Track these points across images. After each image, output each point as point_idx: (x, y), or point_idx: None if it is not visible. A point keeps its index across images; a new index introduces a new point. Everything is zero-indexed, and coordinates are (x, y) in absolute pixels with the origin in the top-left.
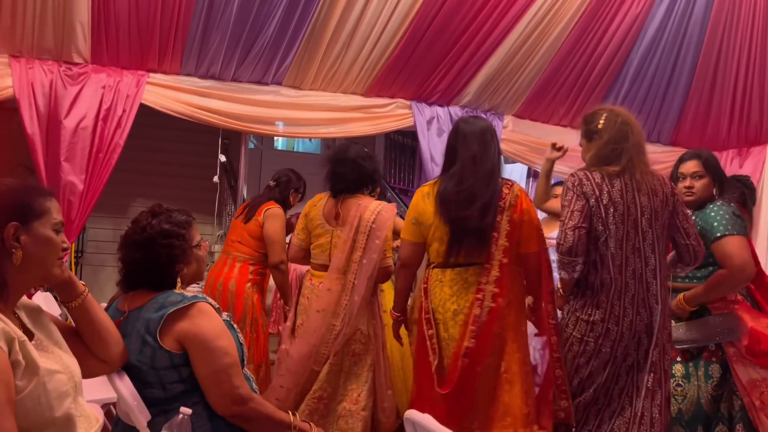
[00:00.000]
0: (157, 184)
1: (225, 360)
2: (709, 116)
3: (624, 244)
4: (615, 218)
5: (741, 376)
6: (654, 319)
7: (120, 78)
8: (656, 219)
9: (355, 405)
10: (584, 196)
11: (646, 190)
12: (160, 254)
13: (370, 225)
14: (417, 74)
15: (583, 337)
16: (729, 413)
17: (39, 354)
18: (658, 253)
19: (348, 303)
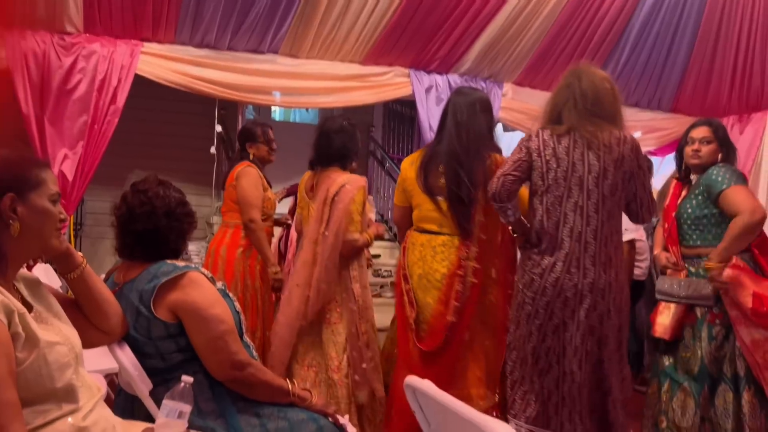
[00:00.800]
0: (155, 155)
1: (221, 328)
2: (710, 82)
3: (564, 201)
4: (557, 174)
5: (744, 337)
6: (587, 280)
7: (114, 48)
8: (605, 178)
9: (337, 373)
10: (527, 150)
11: (597, 147)
12: (183, 222)
13: (333, 198)
14: (415, 41)
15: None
16: (734, 375)
17: (39, 326)
18: (602, 212)
19: (317, 275)
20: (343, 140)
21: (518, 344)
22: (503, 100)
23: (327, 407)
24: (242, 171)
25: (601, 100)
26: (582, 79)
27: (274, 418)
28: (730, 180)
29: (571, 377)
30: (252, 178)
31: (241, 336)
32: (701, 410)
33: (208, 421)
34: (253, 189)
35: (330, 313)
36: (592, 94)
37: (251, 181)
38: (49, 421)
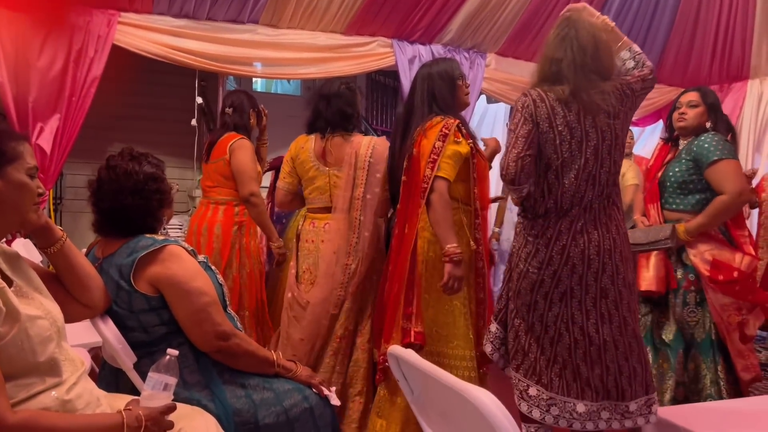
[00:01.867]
0: (135, 128)
1: (202, 300)
2: (692, 53)
3: (580, 173)
4: (572, 146)
5: (713, 301)
6: (592, 244)
7: (90, 18)
8: (616, 145)
9: (360, 338)
10: (533, 121)
11: (607, 112)
12: (151, 199)
13: (368, 160)
14: (398, 11)
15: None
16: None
17: (19, 300)
18: (609, 178)
19: (358, 240)
20: (349, 100)
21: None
22: (486, 70)
23: (312, 378)
24: (237, 144)
25: (600, 55)
26: (579, 30)
27: (260, 389)
28: (722, 152)
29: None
30: (248, 150)
31: (225, 308)
32: (676, 375)
33: (194, 393)
34: (251, 162)
35: (368, 280)
36: (592, 48)
37: (249, 154)
38: (33, 394)
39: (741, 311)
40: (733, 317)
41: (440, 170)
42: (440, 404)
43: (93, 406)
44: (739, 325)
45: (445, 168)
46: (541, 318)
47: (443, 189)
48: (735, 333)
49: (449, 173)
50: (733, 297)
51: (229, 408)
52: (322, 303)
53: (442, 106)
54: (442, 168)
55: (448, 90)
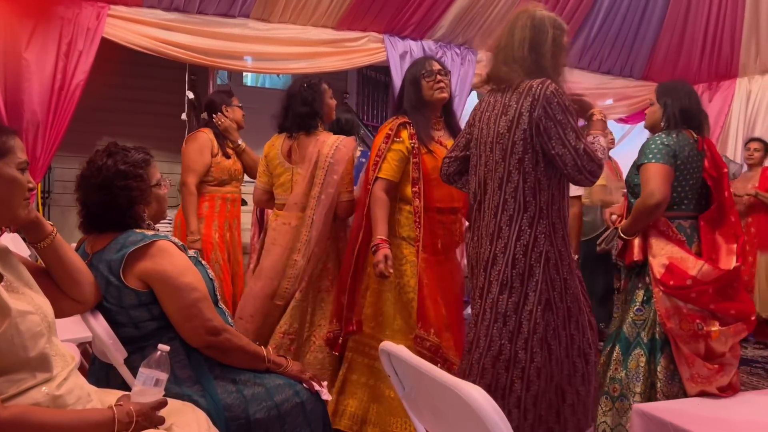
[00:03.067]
0: (124, 121)
1: (193, 295)
2: (681, 51)
3: (477, 170)
4: (472, 143)
5: (659, 304)
6: (479, 250)
7: (79, 10)
8: (498, 142)
9: (320, 339)
10: (469, 123)
11: (497, 109)
12: (118, 196)
13: (329, 160)
14: (389, 7)
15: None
16: (650, 340)
17: (10, 295)
18: (493, 179)
19: (308, 239)
20: (306, 99)
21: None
22: (478, 66)
23: (302, 373)
24: (189, 136)
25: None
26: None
27: (251, 384)
28: (653, 156)
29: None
30: (196, 142)
31: (216, 303)
32: (611, 372)
33: (185, 388)
34: (193, 153)
35: (322, 279)
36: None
37: (193, 145)
38: (23, 390)
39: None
40: (685, 324)
41: (380, 171)
42: (432, 400)
43: (84, 402)
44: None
45: (384, 168)
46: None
47: (377, 189)
48: (689, 342)
49: (389, 173)
50: (691, 303)
51: (220, 403)
52: (264, 296)
53: (407, 107)
54: (383, 169)
55: (413, 91)
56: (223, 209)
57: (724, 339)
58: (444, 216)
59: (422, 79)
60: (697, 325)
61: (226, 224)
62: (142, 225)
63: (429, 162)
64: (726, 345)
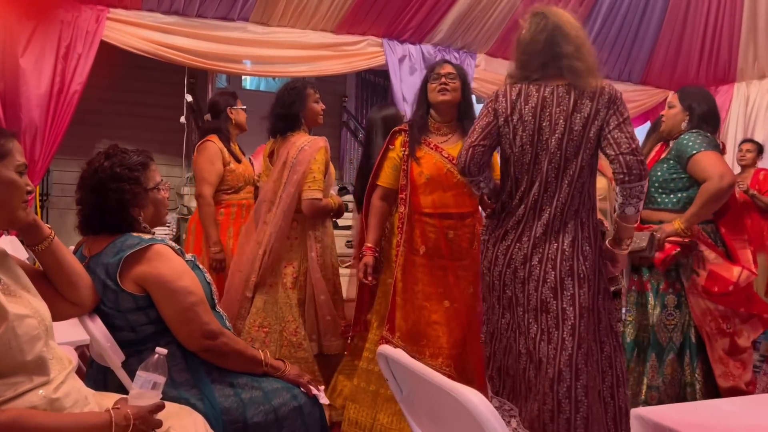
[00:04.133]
0: (123, 124)
1: (189, 299)
2: (679, 56)
3: (531, 168)
4: (523, 139)
5: (694, 307)
6: (537, 250)
7: (78, 14)
8: (570, 139)
9: (295, 336)
10: (494, 113)
11: (566, 105)
12: (109, 198)
13: (292, 160)
14: (388, 11)
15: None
16: (682, 344)
17: (7, 299)
18: (562, 177)
19: (269, 235)
20: (285, 102)
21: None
22: (476, 71)
23: (300, 377)
24: (199, 147)
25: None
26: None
27: (249, 388)
28: (701, 145)
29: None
30: (207, 152)
31: (213, 307)
32: (648, 379)
33: (182, 392)
34: (205, 164)
35: (286, 277)
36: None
37: (205, 156)
38: (20, 393)
39: (729, 320)
40: (716, 324)
41: (378, 178)
42: (429, 403)
43: (81, 405)
44: (730, 335)
45: (381, 176)
46: (497, 325)
47: (374, 196)
48: (719, 340)
49: (385, 180)
50: (726, 306)
51: (217, 407)
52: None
53: (413, 111)
54: (380, 176)
55: (420, 95)
56: (239, 216)
57: (747, 335)
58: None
59: (429, 82)
60: (726, 325)
61: (242, 231)
62: (138, 228)
63: (414, 169)
64: (748, 340)
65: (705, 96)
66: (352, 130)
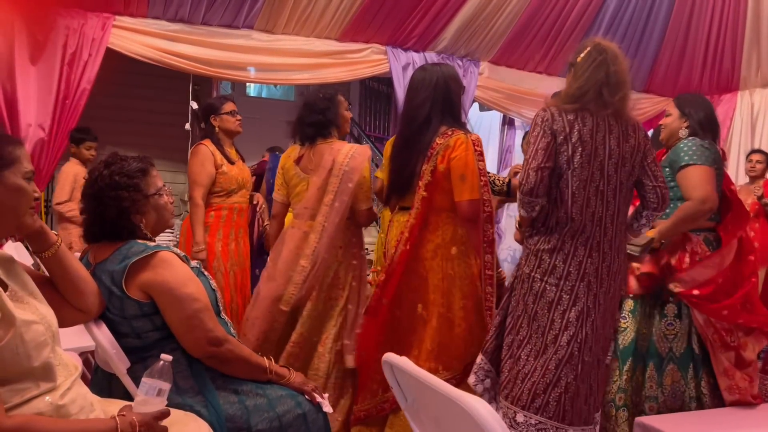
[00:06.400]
0: (128, 131)
1: (194, 306)
2: (683, 64)
3: (588, 185)
4: (582, 158)
5: (698, 317)
6: (606, 264)
7: (85, 21)
8: (623, 165)
9: (322, 347)
10: (552, 133)
11: (617, 133)
12: (108, 206)
13: (344, 168)
14: (392, 18)
15: (530, 274)
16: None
17: (14, 305)
18: (619, 198)
19: (317, 245)
20: (320, 109)
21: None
22: (480, 78)
23: (305, 384)
24: (193, 150)
25: (624, 86)
26: (611, 58)
27: (253, 395)
28: (694, 157)
29: (598, 365)
30: (198, 156)
31: (218, 313)
32: (647, 389)
33: (187, 398)
34: (196, 166)
35: (332, 288)
36: (620, 78)
37: (196, 159)
38: (27, 399)
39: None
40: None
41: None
42: (434, 412)
43: (86, 411)
44: (735, 349)
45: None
46: (555, 338)
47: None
48: (724, 353)
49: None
50: (723, 320)
51: (221, 414)
52: (271, 300)
53: (456, 116)
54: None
55: (458, 98)
56: (229, 219)
57: (752, 347)
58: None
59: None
60: (730, 338)
61: (231, 234)
62: (139, 235)
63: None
64: (753, 353)
65: (702, 102)
66: (356, 138)
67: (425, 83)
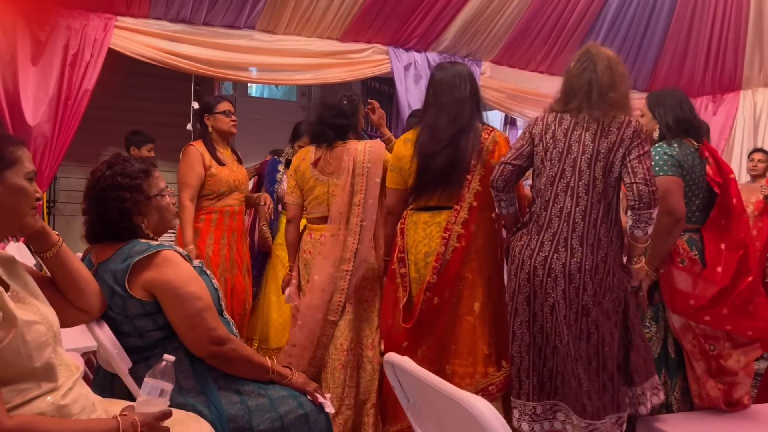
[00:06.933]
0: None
1: (197, 305)
2: (685, 63)
3: (556, 181)
4: (552, 155)
5: (674, 321)
6: (575, 260)
7: (86, 21)
8: (597, 160)
9: (371, 351)
10: (530, 136)
11: (594, 130)
12: (110, 207)
13: (366, 165)
14: (394, 19)
15: (510, 272)
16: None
17: (16, 305)
18: (592, 194)
19: (359, 247)
20: (345, 113)
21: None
22: (481, 78)
23: (307, 385)
24: (183, 151)
25: (613, 89)
26: (597, 63)
27: (255, 395)
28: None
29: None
30: (187, 157)
31: (221, 313)
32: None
33: (189, 398)
34: (184, 168)
35: (363, 290)
36: (608, 81)
37: (184, 161)
38: (29, 399)
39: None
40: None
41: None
42: (436, 412)
43: (88, 411)
44: (715, 358)
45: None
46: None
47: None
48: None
49: None
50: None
51: (223, 414)
52: (313, 311)
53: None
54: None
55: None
56: (221, 223)
57: (737, 358)
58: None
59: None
60: (709, 346)
61: (223, 238)
62: (141, 236)
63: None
64: (739, 364)
65: (673, 101)
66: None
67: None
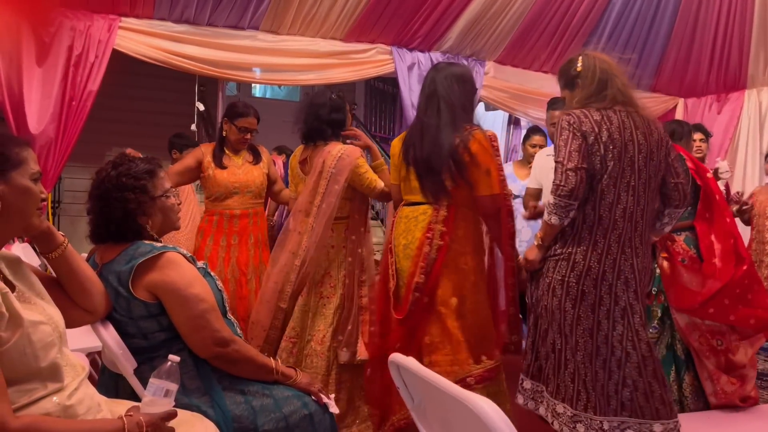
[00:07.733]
0: (134, 132)
1: (201, 306)
2: (689, 62)
3: (618, 181)
4: (613, 155)
5: (679, 321)
6: (639, 260)
7: (91, 22)
8: (651, 159)
9: (320, 345)
10: (582, 135)
11: (642, 128)
12: (114, 208)
13: (331, 170)
14: (397, 18)
15: (564, 278)
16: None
17: (22, 306)
18: (648, 192)
19: (307, 244)
20: (329, 112)
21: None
22: (485, 78)
23: (311, 385)
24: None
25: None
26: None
27: (259, 396)
28: None
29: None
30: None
31: (225, 314)
32: None
33: (193, 399)
34: (176, 165)
35: (323, 285)
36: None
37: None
38: (35, 400)
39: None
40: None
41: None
42: (441, 412)
43: (94, 412)
44: (724, 352)
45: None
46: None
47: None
48: (710, 357)
49: None
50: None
51: (228, 414)
52: (269, 294)
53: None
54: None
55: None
56: (221, 225)
57: (744, 351)
58: None
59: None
60: (716, 342)
61: (223, 240)
62: (145, 237)
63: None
64: (746, 356)
65: None
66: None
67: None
